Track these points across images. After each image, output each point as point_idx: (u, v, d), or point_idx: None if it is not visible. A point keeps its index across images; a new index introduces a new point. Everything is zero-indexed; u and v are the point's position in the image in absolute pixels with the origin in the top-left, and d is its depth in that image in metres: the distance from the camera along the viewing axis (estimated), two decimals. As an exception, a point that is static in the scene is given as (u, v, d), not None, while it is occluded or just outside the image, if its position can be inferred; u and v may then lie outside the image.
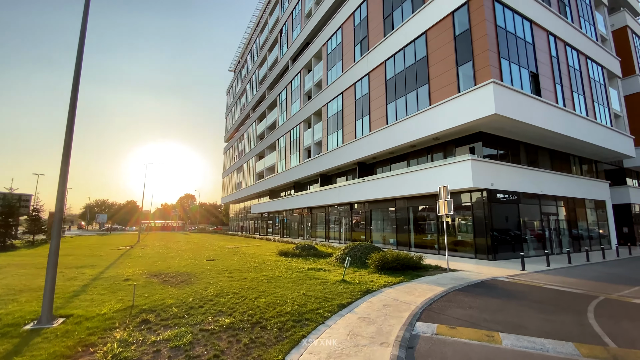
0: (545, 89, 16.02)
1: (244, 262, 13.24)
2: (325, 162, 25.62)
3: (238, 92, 60.19)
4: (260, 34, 49.55)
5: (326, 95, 26.61)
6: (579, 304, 6.75)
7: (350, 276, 9.65)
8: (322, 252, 15.77)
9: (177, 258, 15.06)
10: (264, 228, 42.82)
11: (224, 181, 65.98)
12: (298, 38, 33.66)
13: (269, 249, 19.32)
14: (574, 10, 19.57)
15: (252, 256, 15.54)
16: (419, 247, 17.83)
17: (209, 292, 7.63)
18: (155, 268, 11.76)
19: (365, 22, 22.47)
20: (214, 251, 18.61)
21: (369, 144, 20.51)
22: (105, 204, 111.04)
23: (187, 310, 6.09)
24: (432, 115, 15.98)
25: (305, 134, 30.33)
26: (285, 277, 9.53)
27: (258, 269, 11.27)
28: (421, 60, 17.34)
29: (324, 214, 27.74)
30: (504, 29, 14.82)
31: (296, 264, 12.49)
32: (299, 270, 10.87)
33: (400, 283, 8.88)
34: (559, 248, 17.51)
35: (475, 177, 13.95)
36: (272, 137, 38.73)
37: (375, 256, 10.96)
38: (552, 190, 17.41)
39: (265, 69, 44.43)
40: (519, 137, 16.73)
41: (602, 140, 18.22)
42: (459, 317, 5.76)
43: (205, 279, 9.33)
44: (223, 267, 11.80)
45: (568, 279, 9.77)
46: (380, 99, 20.11)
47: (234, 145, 59.88)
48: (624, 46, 23.94)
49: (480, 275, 10.31)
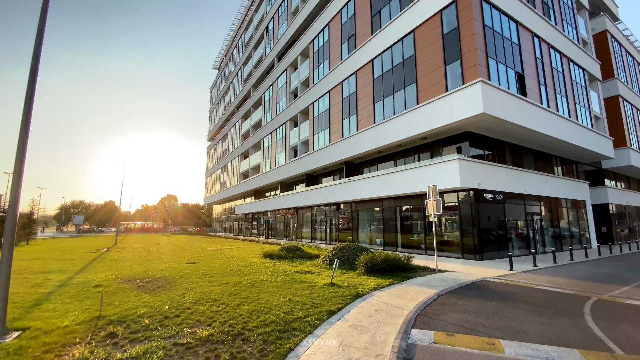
0: (531, 89, 16.16)
1: (227, 265, 12.60)
2: (312, 162, 25.17)
3: (222, 90, 58.89)
4: (245, 31, 48.60)
5: (313, 93, 26.17)
6: (574, 306, 6.58)
7: (339, 279, 9.24)
8: (308, 253, 15.31)
9: (155, 261, 14.24)
10: (248, 229, 41.90)
11: (207, 181, 64.40)
12: (284, 35, 33.08)
13: (253, 251, 18.68)
14: (557, 13, 19.95)
15: (235, 259, 14.89)
16: (406, 247, 17.65)
17: (187, 299, 7.04)
18: (130, 272, 10.98)
19: (352, 20, 22.18)
20: (195, 254, 17.81)
21: (356, 144, 20.22)
22: (82, 204, 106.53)
23: (161, 321, 5.49)
24: (420, 115, 15.82)
25: (291, 133, 29.79)
26: (270, 281, 9.01)
27: (241, 272, 10.69)
28: (409, 59, 17.18)
29: (310, 215, 27.27)
30: (492, 29, 14.82)
31: (282, 266, 11.98)
32: (285, 273, 10.37)
33: (390, 285, 8.54)
34: (543, 247, 17.73)
35: (463, 177, 13.85)
36: (257, 136, 37.94)
37: (364, 258, 10.60)
38: (536, 190, 17.62)
39: (251, 66, 43.56)
40: (504, 138, 16.82)
41: (583, 142, 18.60)
42: (455, 323, 5.43)
43: (184, 284, 8.69)
44: (204, 270, 11.15)
45: (557, 279, 9.71)
46: (368, 97, 19.86)
47: (218, 144, 58.52)
48: (604, 50, 24.69)
49: (470, 276, 10.12)
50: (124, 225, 69.48)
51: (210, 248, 21.82)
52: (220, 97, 59.74)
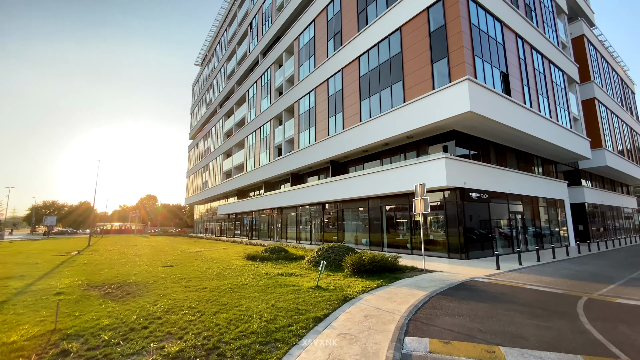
0: (515, 89, 16.28)
1: (206, 268, 11.91)
2: (297, 161, 24.64)
3: (204, 87, 57.33)
4: (229, 26, 47.44)
5: (298, 91, 25.64)
6: (567, 306, 6.40)
7: (325, 281, 8.79)
8: (293, 254, 14.79)
9: (128, 264, 13.34)
10: (231, 230, 40.84)
11: (189, 181, 62.56)
12: (269, 32, 32.38)
13: (236, 253, 17.97)
14: (539, 16, 20.30)
15: (215, 261, 14.18)
16: (392, 247, 17.43)
17: (158, 307, 6.39)
18: (99, 277, 10.13)
19: (338, 16, 21.83)
20: (173, 256, 16.93)
21: (342, 142, 19.86)
22: (55, 205, 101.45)
23: (126, 334, 4.87)
24: (407, 113, 15.61)
25: (275, 131, 29.13)
26: (252, 285, 8.45)
27: (221, 276, 10.05)
28: (396, 57, 16.97)
29: (295, 215, 26.72)
30: (478, 28, 14.80)
31: (265, 268, 11.41)
32: (268, 276, 9.82)
33: (379, 287, 8.17)
34: (525, 246, 17.94)
35: (449, 176, 13.73)
36: (241, 134, 37.00)
37: (351, 258, 10.21)
38: (519, 189, 17.81)
39: (234, 63, 42.51)
40: (489, 137, 16.88)
41: (564, 142, 18.98)
42: (450, 328, 5.09)
43: (157, 290, 8.00)
44: (181, 274, 10.43)
45: (543, 278, 9.63)
46: (354, 95, 19.54)
47: (200, 142, 56.92)
48: (581, 54, 25.44)
49: (458, 276, 9.91)
50: (99, 227, 66.55)
51: (190, 250, 20.89)
52: (203, 94, 58.16)
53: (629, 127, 31.90)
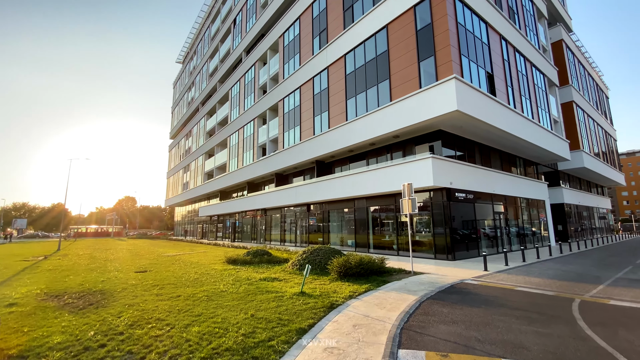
0: (500, 90, 16.34)
1: (182, 273, 11.13)
2: (281, 161, 24.02)
3: (186, 85, 55.70)
4: (211, 23, 46.25)
5: (283, 89, 25.05)
6: (562, 310, 6.16)
7: (310, 286, 8.27)
8: (276, 257, 14.18)
9: (97, 270, 12.36)
10: (213, 232, 39.63)
11: (169, 182, 60.56)
12: (253, 29, 31.63)
13: (216, 256, 17.16)
14: (521, 19, 20.60)
15: (194, 265, 13.39)
16: (378, 248, 17.12)
17: (122, 319, 5.69)
18: (61, 285, 9.22)
19: (324, 13, 21.43)
20: (149, 260, 15.95)
21: (328, 142, 19.42)
22: (26, 207, 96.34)
23: (78, 355, 4.19)
24: (393, 112, 15.35)
25: (259, 131, 28.39)
26: (231, 291, 7.82)
27: (198, 282, 9.35)
28: (382, 55, 16.70)
29: (280, 216, 26.06)
30: (464, 27, 14.72)
31: (246, 273, 10.77)
32: (249, 281, 9.20)
33: (367, 292, 7.72)
34: (509, 246, 18.04)
35: (436, 176, 13.53)
36: (224, 134, 35.98)
37: (337, 261, 9.74)
38: (502, 190, 17.89)
39: (217, 60, 41.41)
40: (474, 138, 16.87)
41: (546, 143, 19.27)
42: (446, 338, 4.69)
43: (125, 300, 7.25)
44: (154, 281, 9.65)
45: (532, 279, 9.48)
46: (340, 94, 19.16)
47: (181, 142, 55.21)
48: (560, 58, 26.11)
49: (447, 278, 9.63)
50: (74, 230, 63.44)
51: (167, 253, 19.87)
52: (184, 93, 56.49)
53: (604, 131, 33.10)
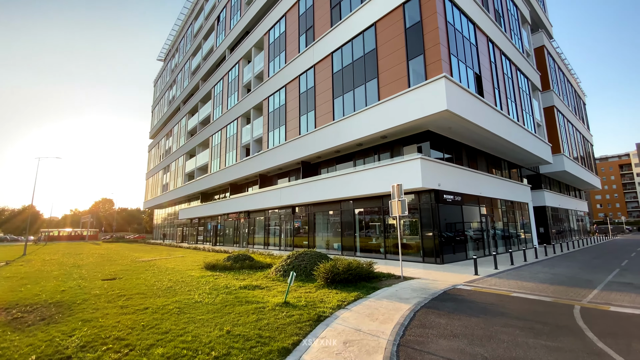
0: (487, 92, 16.25)
1: (155, 280, 10.20)
2: (266, 161, 23.21)
3: (167, 83, 53.86)
4: (194, 20, 44.92)
5: (268, 88, 24.31)
6: (565, 318, 5.77)
7: (295, 295, 7.60)
8: (259, 262, 13.39)
9: (61, 278, 11.21)
10: (193, 236, 38.15)
11: (148, 183, 58.27)
12: (237, 26, 30.74)
13: (195, 261, 16.16)
14: (507, 23, 20.77)
15: (169, 272, 12.41)
16: (365, 251, 16.63)
17: (74, 339, 4.84)
18: (15, 296, 8.14)
19: (311, 11, 20.90)
20: (120, 266, 14.80)
21: (314, 142, 18.82)
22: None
23: (4, 391, 3.37)
24: (382, 111, 14.93)
25: (243, 130, 27.47)
26: (207, 302, 7.03)
27: (171, 291, 8.48)
28: (370, 53, 16.30)
29: (264, 219, 25.19)
30: (453, 26, 14.52)
31: (225, 280, 9.95)
32: (228, 290, 8.42)
33: (356, 301, 7.13)
34: (495, 248, 17.94)
35: (425, 177, 13.17)
36: (206, 133, 34.75)
37: (324, 267, 9.10)
38: (488, 192, 17.80)
39: (200, 58, 40.14)
40: (462, 139, 16.70)
41: (530, 146, 19.39)
42: (449, 357, 4.14)
43: (83, 314, 6.35)
44: (121, 290, 8.71)
45: (524, 284, 9.17)
46: (327, 93, 18.63)
47: (161, 142, 53.24)
48: (541, 64, 26.63)
49: (438, 284, 9.18)
50: (45, 233, 59.95)
51: (143, 258, 18.64)
52: (165, 91, 54.61)
53: (582, 136, 34.12)
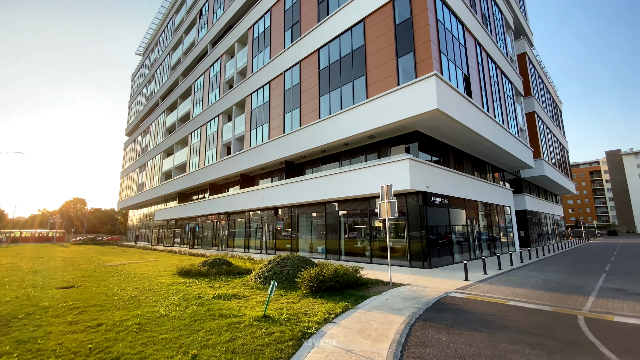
0: (475, 93, 16.06)
1: (118, 289, 9.09)
2: (248, 160, 22.22)
3: (146, 79, 51.60)
4: (176, 13, 43.21)
5: (251, 84, 23.36)
6: (572, 331, 5.29)
7: (276, 305, 6.80)
8: (238, 267, 12.45)
9: (9, 285, 9.86)
10: (170, 238, 36.37)
11: (123, 182, 55.53)
12: (220, 20, 29.60)
13: (167, 266, 14.98)
14: (492, 27, 20.84)
15: (137, 278, 11.27)
16: (350, 255, 16.01)
17: (-5, 371, 3.87)
18: (-60, 311, 6.88)
19: (297, 5, 20.20)
20: (84, 271, 13.43)
21: (299, 141, 18.07)
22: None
23: None
24: (370, 110, 14.39)
25: (224, 128, 26.33)
26: (173, 316, 6.11)
27: (134, 302, 7.46)
28: (358, 50, 15.76)
29: (245, 221, 24.12)
30: (443, 25, 14.20)
31: (198, 288, 8.99)
32: (200, 300, 7.50)
33: (344, 312, 6.42)
34: (480, 251, 17.77)
35: (413, 178, 12.70)
36: (185, 131, 33.23)
37: (309, 273, 8.34)
38: (474, 195, 17.63)
39: (180, 52, 38.55)
40: (450, 141, 16.44)
41: (515, 150, 19.44)
42: (458, 385, 3.49)
43: (21, 332, 5.29)
44: (76, 300, 7.60)
45: (517, 290, 8.78)
46: (313, 90, 17.95)
47: (137, 139, 50.84)
48: (523, 70, 27.07)
49: (430, 291, 8.64)
50: (6, 234, 55.83)
51: (110, 263, 17.20)
52: (143, 86, 52.31)
53: (559, 142, 35.10)
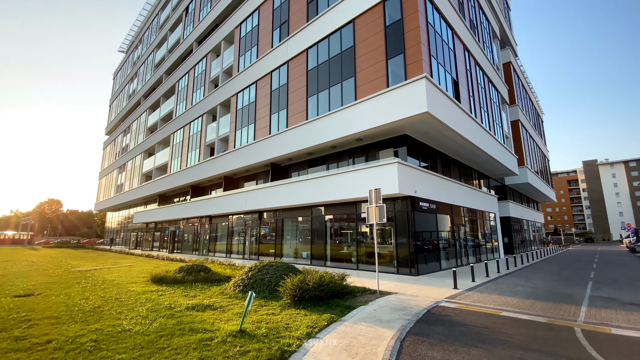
0: (463, 99, 16.00)
1: (81, 298, 8.24)
2: (232, 162, 21.47)
3: (128, 76, 49.96)
4: (161, 11, 42.08)
5: (237, 83, 22.71)
6: (573, 347, 4.95)
7: (254, 318, 6.19)
8: (216, 274, 11.71)
9: (-45, 296, 8.82)
10: (149, 241, 34.88)
11: (101, 183, 53.30)
12: (206, 18, 28.87)
13: (142, 272, 14.04)
14: (480, 35, 21.04)
15: (105, 285, 10.37)
16: (336, 260, 15.51)
17: None
18: None
19: (286, 4, 19.79)
20: (48, 277, 12.35)
21: (285, 143, 17.53)
22: None
23: None
24: (358, 112, 14.04)
25: (208, 128, 25.49)
26: (137, 331, 5.41)
27: (95, 313, 6.68)
28: (347, 51, 15.45)
29: (227, 224, 23.26)
30: (433, 28, 14.08)
31: (171, 298, 8.26)
32: (171, 311, 6.80)
33: (329, 326, 5.89)
34: (466, 258, 17.62)
35: (401, 183, 12.38)
36: (167, 130, 32.10)
37: (291, 282, 7.78)
38: (461, 201, 17.52)
39: (165, 50, 37.45)
40: (437, 146, 16.28)
41: (501, 157, 19.52)
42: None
43: (-52, 354, 4.50)
44: (30, 311, 6.75)
45: (508, 299, 8.49)
46: (300, 91, 17.50)
47: (118, 138, 49.00)
48: (508, 78, 27.56)
49: (419, 300, 8.22)
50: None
51: (80, 268, 16.04)
52: (125, 84, 50.60)
53: (541, 150, 35.93)
